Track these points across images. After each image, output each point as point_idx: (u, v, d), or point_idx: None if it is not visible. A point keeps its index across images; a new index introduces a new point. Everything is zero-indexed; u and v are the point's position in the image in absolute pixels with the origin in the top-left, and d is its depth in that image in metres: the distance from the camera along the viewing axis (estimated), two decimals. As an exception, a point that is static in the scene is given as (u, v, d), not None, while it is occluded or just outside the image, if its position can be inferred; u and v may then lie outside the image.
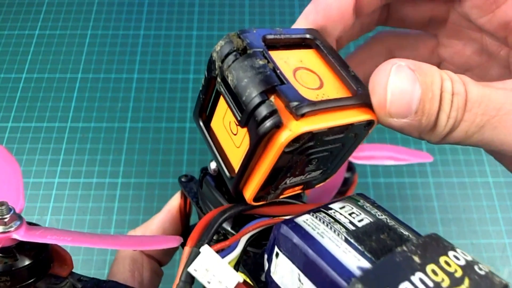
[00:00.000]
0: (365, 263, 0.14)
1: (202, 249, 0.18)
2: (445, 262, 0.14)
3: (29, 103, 0.64)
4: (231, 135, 0.19)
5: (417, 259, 0.14)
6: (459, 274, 0.14)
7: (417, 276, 0.13)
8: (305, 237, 0.16)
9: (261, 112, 0.15)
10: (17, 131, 0.61)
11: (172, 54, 0.68)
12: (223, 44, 0.17)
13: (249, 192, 0.18)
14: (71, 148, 0.60)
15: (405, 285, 0.13)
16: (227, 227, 0.22)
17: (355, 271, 0.14)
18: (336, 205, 0.18)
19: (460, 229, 0.55)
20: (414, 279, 0.13)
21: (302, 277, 0.15)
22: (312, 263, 0.15)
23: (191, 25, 0.71)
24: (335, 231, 0.16)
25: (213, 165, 0.23)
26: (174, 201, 0.29)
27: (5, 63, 0.67)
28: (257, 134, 0.16)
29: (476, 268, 0.14)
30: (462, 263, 0.14)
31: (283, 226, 0.16)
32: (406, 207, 0.56)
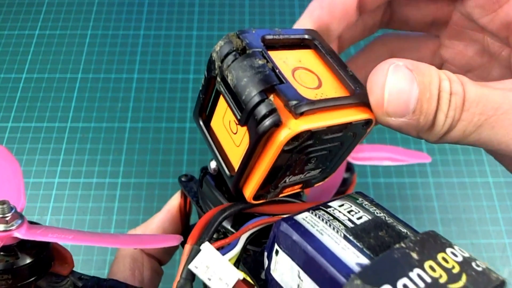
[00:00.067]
0: (364, 260, 0.14)
1: (202, 247, 0.18)
2: (443, 258, 0.14)
3: (29, 103, 0.64)
4: (231, 134, 0.19)
5: (415, 255, 0.14)
6: (456, 270, 0.14)
7: (415, 272, 0.14)
8: (305, 234, 0.16)
9: (260, 110, 0.16)
10: (17, 131, 0.61)
11: (172, 54, 0.68)
12: (223, 44, 0.17)
13: (249, 190, 0.19)
14: (71, 148, 0.60)
15: (403, 281, 0.13)
16: (227, 225, 0.22)
17: (354, 267, 0.14)
18: (335, 203, 0.18)
19: (460, 229, 0.55)
20: (412, 275, 0.13)
21: (301, 274, 0.15)
22: (311, 260, 0.15)
23: (191, 25, 0.71)
24: (334, 228, 0.16)
25: (213, 164, 0.23)
26: (174, 201, 0.29)
27: (5, 63, 0.67)
28: (256, 132, 0.16)
29: (473, 264, 0.14)
30: (459, 259, 0.15)
31: (283, 223, 0.16)
32: (406, 207, 0.56)
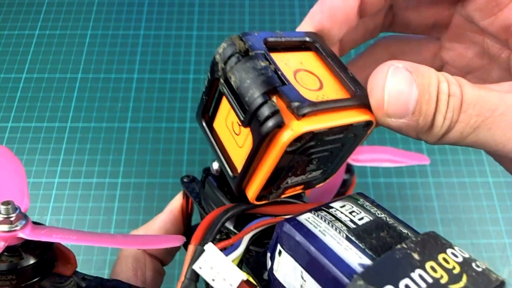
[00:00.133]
0: (366, 260, 0.14)
1: (206, 247, 0.18)
2: (444, 259, 0.15)
3: (29, 103, 0.64)
4: (233, 135, 0.19)
5: (416, 256, 0.14)
6: (457, 270, 0.14)
7: (417, 272, 0.14)
8: (308, 235, 0.16)
9: (263, 112, 0.16)
10: (17, 131, 0.61)
11: (172, 54, 0.68)
12: (226, 46, 0.18)
13: (252, 191, 0.19)
14: (71, 148, 0.60)
15: (405, 281, 0.13)
16: (230, 226, 0.23)
17: (356, 267, 0.14)
18: (336, 204, 0.18)
19: (460, 229, 0.55)
20: (414, 275, 0.14)
21: (304, 274, 0.16)
22: (314, 260, 0.15)
23: (191, 25, 0.71)
24: (336, 229, 0.16)
25: (216, 165, 0.23)
26: (175, 202, 0.29)
27: (5, 63, 0.67)
28: (259, 133, 0.16)
29: (473, 265, 0.15)
30: (460, 260, 0.15)
31: (286, 224, 0.17)
32: (406, 207, 0.56)
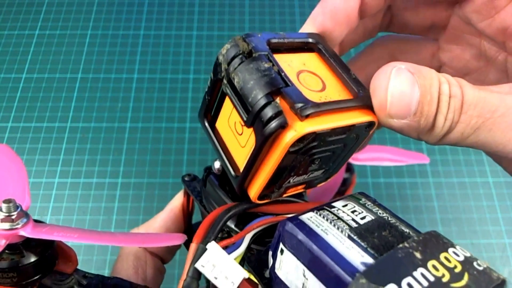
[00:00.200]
0: (368, 259, 0.15)
1: (208, 246, 0.18)
2: (445, 258, 0.15)
3: (29, 103, 0.64)
4: (236, 135, 0.19)
5: (418, 255, 0.14)
6: (458, 269, 0.14)
7: (419, 271, 0.14)
8: (310, 234, 0.16)
9: (267, 113, 0.16)
10: (17, 131, 0.61)
11: (172, 54, 0.69)
12: (229, 47, 0.18)
13: (254, 190, 0.19)
14: (71, 148, 0.60)
15: (408, 280, 0.13)
16: (231, 225, 0.23)
17: (359, 266, 0.14)
18: (338, 203, 0.18)
19: (460, 229, 0.55)
20: (416, 274, 0.14)
21: (306, 272, 0.16)
22: (316, 259, 0.15)
23: (191, 25, 0.72)
24: (339, 228, 0.16)
25: (217, 164, 0.23)
26: (176, 201, 0.30)
27: (5, 63, 0.67)
28: (263, 134, 0.16)
29: (475, 264, 0.15)
30: (461, 259, 0.15)
31: (288, 223, 0.17)
32: (406, 207, 0.56)
